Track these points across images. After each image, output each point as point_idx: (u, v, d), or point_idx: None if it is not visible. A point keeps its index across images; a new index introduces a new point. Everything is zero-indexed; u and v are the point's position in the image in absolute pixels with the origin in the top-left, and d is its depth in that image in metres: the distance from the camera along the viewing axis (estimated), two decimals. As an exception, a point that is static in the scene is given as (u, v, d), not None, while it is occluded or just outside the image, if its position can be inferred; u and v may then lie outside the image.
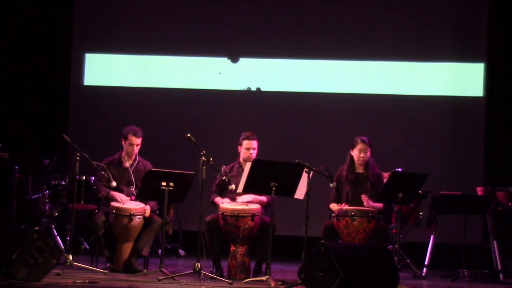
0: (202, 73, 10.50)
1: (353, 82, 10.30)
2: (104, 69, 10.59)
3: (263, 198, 7.22)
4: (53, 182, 8.95)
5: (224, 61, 10.47)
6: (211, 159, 6.85)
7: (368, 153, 7.33)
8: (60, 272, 6.60)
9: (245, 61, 10.47)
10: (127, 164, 7.47)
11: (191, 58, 10.50)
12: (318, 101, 10.31)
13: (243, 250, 7.05)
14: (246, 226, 6.98)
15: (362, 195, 7.17)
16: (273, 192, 6.70)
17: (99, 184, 7.49)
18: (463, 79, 10.17)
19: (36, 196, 9.02)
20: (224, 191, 7.46)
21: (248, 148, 7.40)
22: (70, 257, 6.84)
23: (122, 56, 10.57)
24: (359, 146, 7.32)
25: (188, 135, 6.88)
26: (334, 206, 7.28)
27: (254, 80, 10.43)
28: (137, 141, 7.42)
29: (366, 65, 10.28)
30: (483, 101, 10.12)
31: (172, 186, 6.91)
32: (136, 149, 7.44)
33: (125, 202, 7.19)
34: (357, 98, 10.25)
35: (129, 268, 7.03)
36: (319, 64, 10.35)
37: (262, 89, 10.44)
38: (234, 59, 10.47)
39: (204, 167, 6.78)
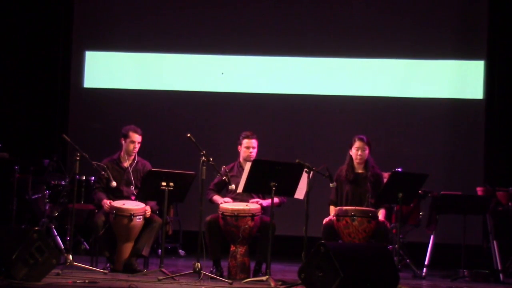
0: (202, 74, 10.49)
1: (354, 82, 10.28)
2: (104, 68, 10.58)
3: (276, 200, 7.10)
4: (53, 182, 8.95)
5: (225, 62, 10.46)
6: (211, 159, 6.85)
7: (366, 152, 7.31)
8: (60, 272, 6.60)
9: (246, 62, 10.46)
10: (126, 164, 7.47)
11: (192, 56, 10.48)
12: (318, 102, 10.29)
13: (243, 250, 7.05)
14: (246, 226, 6.98)
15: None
16: (273, 192, 6.71)
17: (96, 187, 7.50)
18: (464, 78, 10.16)
19: (36, 196, 9.02)
20: (223, 190, 7.46)
21: (248, 147, 7.41)
22: (70, 257, 6.84)
23: (123, 54, 10.55)
24: (357, 144, 7.31)
25: (188, 135, 6.89)
26: (332, 209, 7.27)
27: (254, 81, 10.42)
28: (138, 138, 7.42)
29: (366, 64, 10.26)
30: (483, 102, 10.10)
31: (172, 186, 6.91)
32: (137, 147, 7.44)
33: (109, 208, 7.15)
34: (358, 99, 10.24)
35: (129, 268, 7.03)
36: (319, 63, 10.33)
37: (262, 90, 10.42)
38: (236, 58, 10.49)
39: (204, 167, 6.79)
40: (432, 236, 8.15)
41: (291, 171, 6.80)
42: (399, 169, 7.92)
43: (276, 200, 7.04)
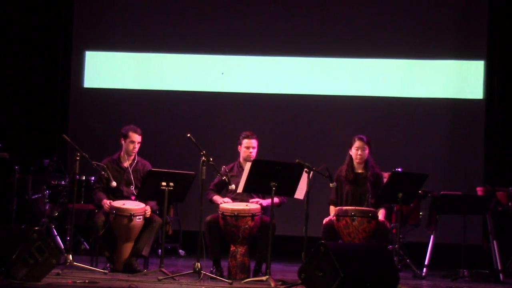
0: (203, 74, 10.49)
1: (354, 82, 10.28)
2: (104, 68, 10.58)
3: (276, 200, 7.10)
4: (53, 182, 8.95)
5: (225, 62, 10.46)
6: (211, 159, 6.85)
7: (366, 151, 7.31)
8: (60, 272, 6.60)
9: (246, 62, 10.45)
10: (126, 164, 7.47)
11: (192, 56, 10.47)
12: (318, 102, 10.29)
13: (243, 250, 7.05)
14: (246, 226, 6.98)
15: None
16: (273, 192, 6.71)
17: (96, 187, 7.50)
18: (464, 78, 10.15)
19: (36, 196, 9.02)
20: (223, 190, 7.46)
21: (248, 147, 7.41)
22: (70, 257, 6.85)
23: (123, 54, 10.54)
24: (356, 144, 7.31)
25: (188, 135, 6.89)
26: (332, 209, 7.27)
27: (254, 81, 10.42)
28: (138, 138, 7.42)
29: (366, 64, 10.25)
30: (483, 102, 10.09)
31: (172, 186, 6.91)
32: (137, 147, 7.44)
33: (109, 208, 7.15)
34: (358, 99, 10.23)
35: (129, 268, 7.03)
36: (319, 63, 10.32)
37: (262, 90, 10.41)
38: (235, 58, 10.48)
39: (204, 167, 6.79)
40: (432, 236, 8.15)
41: (291, 171, 6.80)
42: (399, 169, 7.92)
43: (276, 200, 7.04)
